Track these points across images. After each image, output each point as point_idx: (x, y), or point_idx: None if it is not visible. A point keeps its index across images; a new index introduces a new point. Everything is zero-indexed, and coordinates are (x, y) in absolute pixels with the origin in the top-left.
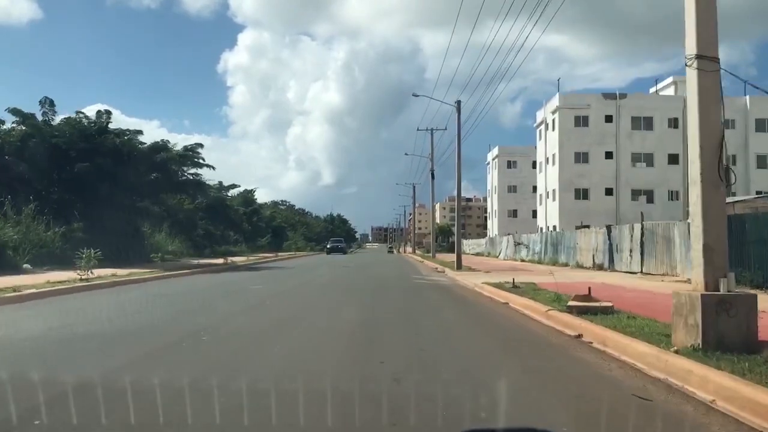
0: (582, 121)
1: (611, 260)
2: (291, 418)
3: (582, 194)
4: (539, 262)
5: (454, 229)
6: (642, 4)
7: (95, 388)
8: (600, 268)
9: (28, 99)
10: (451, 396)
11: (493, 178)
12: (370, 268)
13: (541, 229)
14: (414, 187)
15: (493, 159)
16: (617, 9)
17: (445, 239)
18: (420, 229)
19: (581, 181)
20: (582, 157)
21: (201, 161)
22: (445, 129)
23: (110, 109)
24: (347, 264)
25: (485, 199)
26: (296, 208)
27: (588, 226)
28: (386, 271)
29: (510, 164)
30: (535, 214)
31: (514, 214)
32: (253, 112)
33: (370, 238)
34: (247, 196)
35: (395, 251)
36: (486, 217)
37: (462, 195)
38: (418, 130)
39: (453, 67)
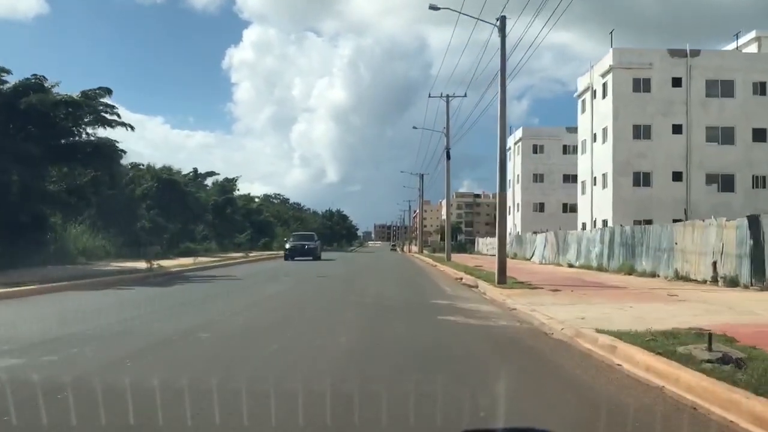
0: (642, 85)
1: (760, 271)
2: None
3: (642, 179)
4: (600, 268)
5: (463, 227)
6: (651, 1)
7: None
8: (733, 283)
9: None
10: None
11: (514, 165)
12: (362, 279)
13: (605, 222)
14: (422, 177)
15: (515, 143)
16: (626, 6)
17: (453, 237)
18: (425, 227)
19: (641, 163)
20: (642, 132)
21: (107, 114)
22: (465, 96)
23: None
24: (326, 273)
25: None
26: (291, 202)
27: (650, 221)
28: (387, 289)
29: (536, 149)
30: (566, 207)
31: (540, 207)
32: (258, 108)
33: (373, 236)
34: (226, 185)
35: (398, 250)
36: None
37: (469, 191)
38: (430, 96)
39: (460, 64)
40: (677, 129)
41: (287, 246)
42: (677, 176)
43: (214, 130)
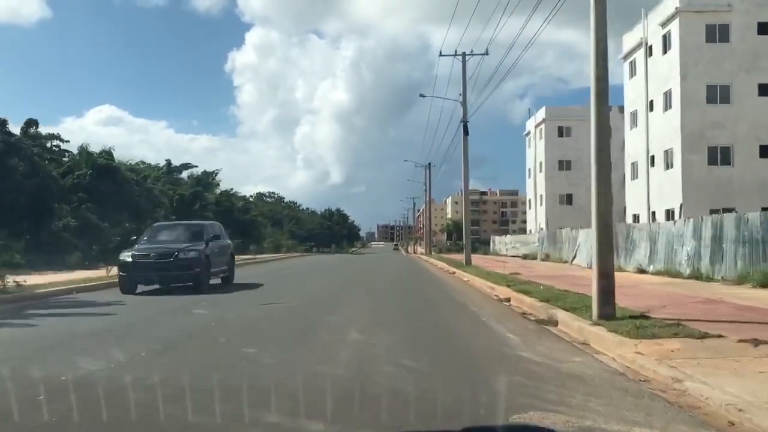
0: (719, 34)
1: None
2: None
3: (720, 156)
4: (697, 275)
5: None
6: None
7: None
8: None
9: (32, 99)
10: None
11: (535, 152)
12: (343, 314)
13: (670, 213)
14: (428, 167)
15: (537, 126)
16: (630, 3)
17: (459, 236)
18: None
19: (718, 135)
20: (720, 94)
21: None
22: (486, 54)
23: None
24: (281, 298)
25: (502, 193)
26: (286, 200)
27: (732, 209)
28: (388, 345)
29: (562, 131)
30: None
31: (567, 200)
32: (261, 111)
33: (376, 236)
34: (203, 179)
35: (402, 251)
36: (504, 212)
37: (472, 188)
38: (441, 55)
39: (461, 64)
40: (765, 90)
41: (124, 259)
42: (766, 151)
43: (218, 134)
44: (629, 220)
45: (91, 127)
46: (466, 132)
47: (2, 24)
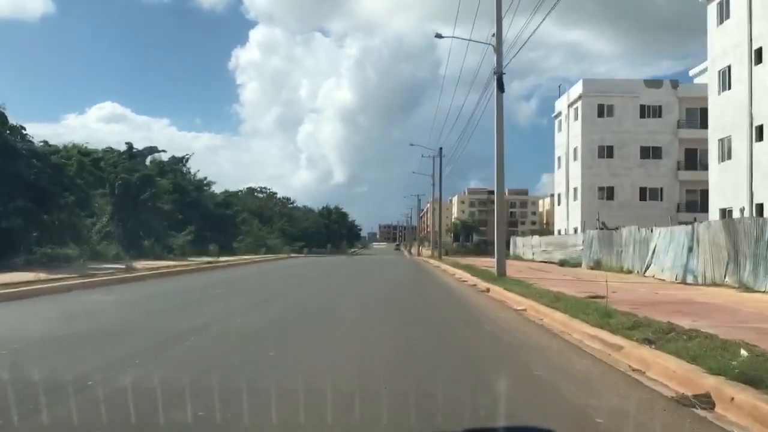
0: None
1: None
2: None
3: None
4: None
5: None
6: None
7: None
8: None
9: (35, 96)
10: None
11: (568, 137)
12: None
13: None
14: (440, 153)
15: (570, 105)
16: (637, 3)
17: (467, 237)
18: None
19: None
20: None
21: None
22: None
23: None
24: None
25: (511, 192)
26: (279, 196)
27: None
28: None
29: (603, 111)
30: (646, 194)
31: (608, 193)
32: (265, 109)
33: (378, 236)
34: (166, 166)
35: (405, 251)
36: (513, 213)
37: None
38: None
39: (467, 64)
40: None
41: None
42: None
43: (221, 132)
44: (714, 215)
45: (93, 124)
46: (501, 87)
47: (7, 19)
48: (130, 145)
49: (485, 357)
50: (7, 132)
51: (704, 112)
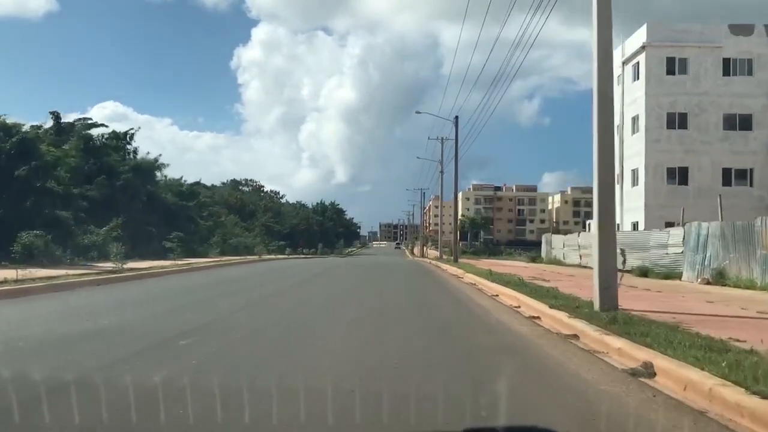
0: None
1: None
2: None
3: None
4: None
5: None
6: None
7: None
8: None
9: (37, 95)
10: None
11: (622, 102)
12: None
13: None
14: (442, 141)
15: (627, 61)
16: (643, 3)
17: (475, 236)
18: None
19: None
20: None
21: None
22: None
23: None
24: None
25: (519, 188)
26: (266, 190)
27: None
28: None
29: (674, 66)
30: (731, 176)
31: (680, 176)
32: (267, 109)
33: (378, 235)
34: (100, 144)
35: (406, 251)
36: (521, 210)
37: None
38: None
39: (469, 62)
40: None
41: None
42: None
43: (223, 131)
44: None
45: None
46: None
47: (9, 17)
48: (56, 116)
49: None
50: None
51: None
